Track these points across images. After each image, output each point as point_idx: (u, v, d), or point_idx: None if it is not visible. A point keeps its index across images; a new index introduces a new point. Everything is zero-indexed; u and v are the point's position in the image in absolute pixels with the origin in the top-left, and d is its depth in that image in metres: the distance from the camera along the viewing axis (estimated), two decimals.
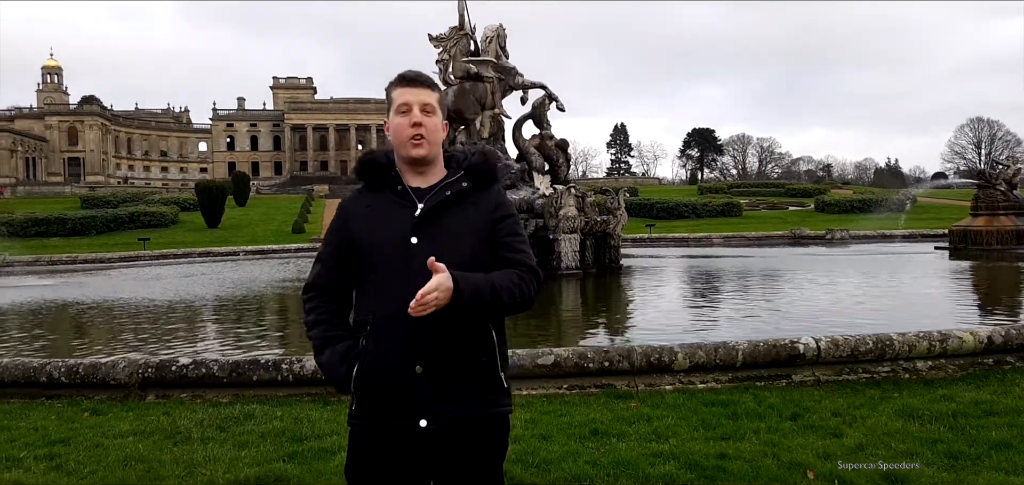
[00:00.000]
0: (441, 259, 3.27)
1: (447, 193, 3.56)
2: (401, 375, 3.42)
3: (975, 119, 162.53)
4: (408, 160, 3.61)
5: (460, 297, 3.23)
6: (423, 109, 3.58)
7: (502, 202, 3.70)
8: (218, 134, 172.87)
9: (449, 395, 3.43)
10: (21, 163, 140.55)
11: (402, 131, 3.58)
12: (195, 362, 9.45)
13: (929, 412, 7.61)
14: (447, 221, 3.53)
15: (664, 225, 62.56)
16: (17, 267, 37.52)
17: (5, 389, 9.58)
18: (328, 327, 3.65)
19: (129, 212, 70.13)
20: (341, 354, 3.56)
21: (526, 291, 3.51)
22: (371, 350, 3.48)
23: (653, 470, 6.25)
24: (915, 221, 54.35)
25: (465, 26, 26.03)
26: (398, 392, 3.43)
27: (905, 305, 16.81)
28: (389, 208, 3.58)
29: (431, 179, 3.63)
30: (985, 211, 32.23)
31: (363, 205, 3.66)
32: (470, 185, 3.62)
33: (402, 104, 3.58)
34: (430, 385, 3.42)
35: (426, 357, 3.41)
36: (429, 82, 3.68)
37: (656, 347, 9.24)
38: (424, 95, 3.61)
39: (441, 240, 3.46)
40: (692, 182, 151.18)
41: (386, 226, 3.54)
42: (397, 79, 3.67)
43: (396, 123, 3.60)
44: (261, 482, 6.30)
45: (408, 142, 3.56)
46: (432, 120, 3.60)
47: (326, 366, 3.61)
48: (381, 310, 3.46)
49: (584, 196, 24.61)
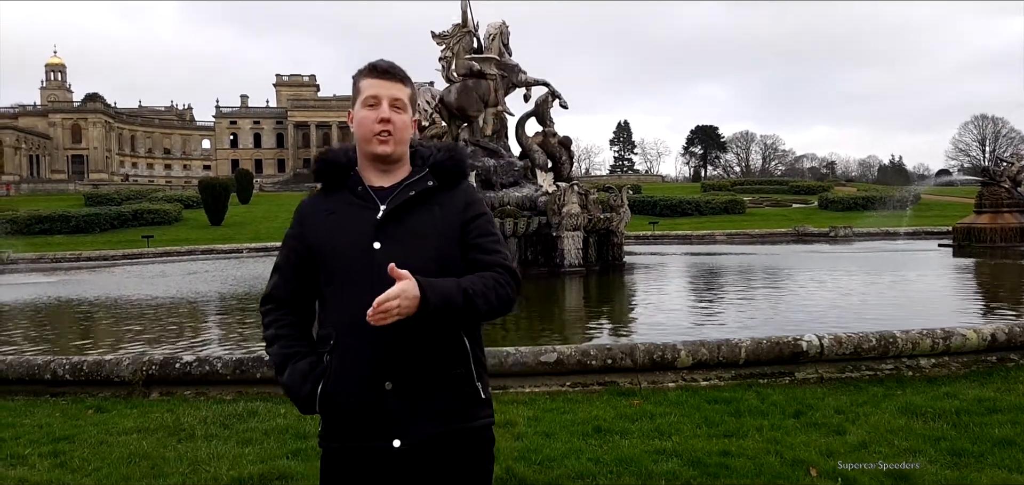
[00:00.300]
0: (405, 264, 3.03)
1: (411, 193, 3.29)
2: (369, 392, 3.16)
3: (979, 116, 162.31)
4: (372, 157, 3.34)
5: (427, 306, 2.98)
6: (393, 104, 3.31)
7: (472, 200, 3.43)
8: (221, 131, 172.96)
9: (422, 411, 3.16)
10: (25, 160, 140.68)
11: (368, 125, 3.30)
12: (199, 359, 9.48)
13: (932, 410, 7.61)
14: (412, 223, 3.26)
15: (667, 222, 62.55)
16: (21, 264, 37.61)
17: (10, 386, 9.62)
18: (287, 343, 3.37)
19: (133, 210, 70.19)
20: (303, 372, 3.28)
21: (503, 294, 3.25)
22: (335, 366, 3.22)
23: (656, 467, 6.26)
24: (919, 219, 54.27)
25: (468, 23, 26.03)
26: (367, 411, 3.16)
27: (908, 303, 16.78)
28: (349, 211, 3.30)
29: (395, 178, 3.37)
30: (989, 208, 32.19)
31: (322, 209, 3.38)
32: (436, 183, 3.35)
33: (371, 97, 3.31)
34: (401, 402, 3.15)
35: (394, 372, 3.15)
36: (402, 75, 3.39)
37: (659, 344, 9.25)
38: (395, 89, 3.34)
39: (405, 244, 3.20)
40: (695, 179, 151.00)
41: (346, 231, 3.26)
42: (367, 68, 3.38)
43: (362, 116, 3.32)
44: (265, 479, 6.31)
45: (374, 138, 3.29)
46: (402, 117, 3.33)
47: (288, 386, 3.31)
48: (344, 322, 3.20)
49: (587, 193, 24.60)
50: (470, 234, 3.33)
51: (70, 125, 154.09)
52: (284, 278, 3.44)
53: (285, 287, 3.43)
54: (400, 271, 2.96)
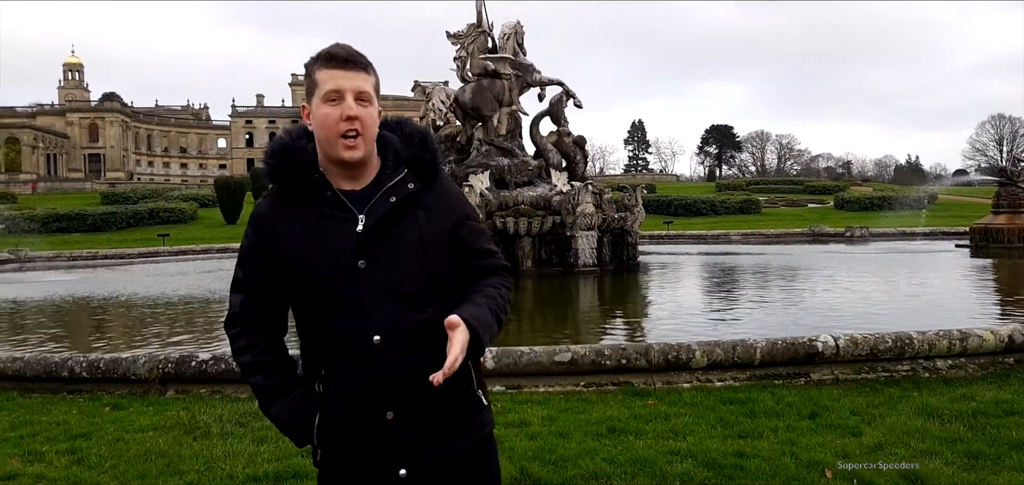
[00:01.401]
0: (397, 282, 2.87)
1: (392, 200, 2.94)
2: (370, 424, 2.89)
3: (996, 116, 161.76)
4: (338, 163, 2.95)
5: (479, 345, 2.80)
6: (359, 98, 2.91)
7: (455, 198, 3.15)
8: (237, 131, 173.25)
9: (429, 435, 2.93)
10: (42, 159, 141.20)
11: (331, 126, 2.89)
12: (214, 358, 9.50)
13: (949, 411, 7.58)
14: (396, 235, 2.93)
15: (682, 222, 62.41)
16: (38, 262, 37.72)
17: (27, 384, 9.69)
18: (272, 372, 3.04)
19: (149, 208, 70.48)
20: (296, 408, 2.99)
21: (508, 297, 3.10)
22: (331, 397, 2.93)
23: (670, 468, 6.25)
24: (936, 219, 54.03)
25: (483, 23, 26.04)
26: (369, 443, 2.91)
27: (925, 303, 16.72)
28: (322, 224, 2.93)
29: (365, 177, 3.01)
30: (1006, 209, 32.00)
31: (289, 218, 2.97)
32: (417, 185, 3.01)
33: (331, 91, 2.89)
34: (405, 431, 2.89)
35: (396, 400, 2.87)
36: (364, 62, 2.98)
37: (674, 345, 9.25)
38: (359, 80, 2.93)
39: (392, 260, 2.90)
40: (710, 179, 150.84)
41: (323, 248, 2.91)
42: (323, 57, 2.95)
43: (322, 114, 2.90)
44: (280, 477, 6.33)
45: (339, 141, 2.89)
46: (369, 112, 2.93)
47: (280, 421, 3.03)
48: (335, 351, 2.91)
49: (602, 193, 24.55)
50: (465, 241, 3.09)
51: (87, 124, 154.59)
52: (251, 297, 3.06)
53: (254, 307, 3.07)
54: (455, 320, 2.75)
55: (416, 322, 2.90)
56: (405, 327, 2.88)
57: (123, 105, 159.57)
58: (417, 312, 2.91)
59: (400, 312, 2.86)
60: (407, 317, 2.89)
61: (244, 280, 3.07)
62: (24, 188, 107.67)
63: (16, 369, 9.77)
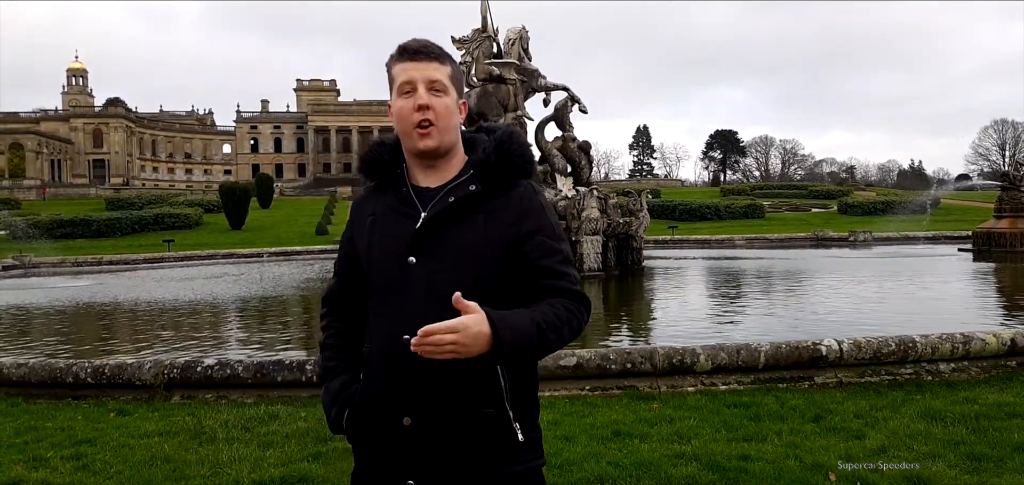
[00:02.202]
0: (439, 284, 2.73)
1: (450, 200, 2.82)
2: (386, 426, 2.81)
3: (999, 121, 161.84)
4: (415, 153, 2.90)
5: (500, 348, 2.58)
6: (430, 87, 2.83)
7: (528, 209, 2.90)
8: (242, 136, 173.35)
9: (442, 454, 2.76)
10: (46, 165, 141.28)
11: (406, 117, 2.84)
12: (220, 363, 9.52)
13: (951, 414, 7.59)
14: (451, 236, 2.81)
15: (686, 227, 62.43)
16: (43, 268, 37.75)
17: (32, 390, 9.70)
18: (333, 353, 3.07)
19: (154, 214, 70.45)
20: (334, 392, 2.98)
21: (576, 326, 2.86)
22: (361, 392, 2.90)
23: (675, 471, 6.27)
24: (939, 223, 54.06)
25: (488, 28, 26.09)
26: (383, 446, 2.84)
27: (928, 307, 16.74)
28: (389, 217, 2.90)
29: (445, 174, 2.91)
30: (1009, 213, 32.04)
31: (366, 211, 3.00)
32: (479, 188, 2.85)
33: (404, 83, 2.84)
34: (419, 442, 2.76)
35: (414, 406, 2.76)
36: (437, 52, 2.90)
37: (678, 349, 9.26)
38: (431, 70, 2.85)
39: (443, 260, 2.79)
40: (715, 184, 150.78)
41: (383, 240, 2.88)
42: (397, 52, 2.91)
43: (398, 107, 2.86)
44: (285, 482, 6.35)
45: (413, 131, 2.83)
46: (443, 101, 2.85)
47: (323, 402, 3.04)
48: (375, 344, 2.89)
49: (606, 198, 24.60)
50: (531, 255, 2.86)
51: (91, 130, 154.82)
52: (338, 282, 3.14)
53: (339, 291, 3.14)
54: (467, 303, 2.55)
55: None
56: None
57: (127, 110, 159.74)
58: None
59: (438, 315, 2.59)
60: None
61: (336, 265, 3.18)
62: (28, 194, 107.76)
63: (21, 375, 9.77)
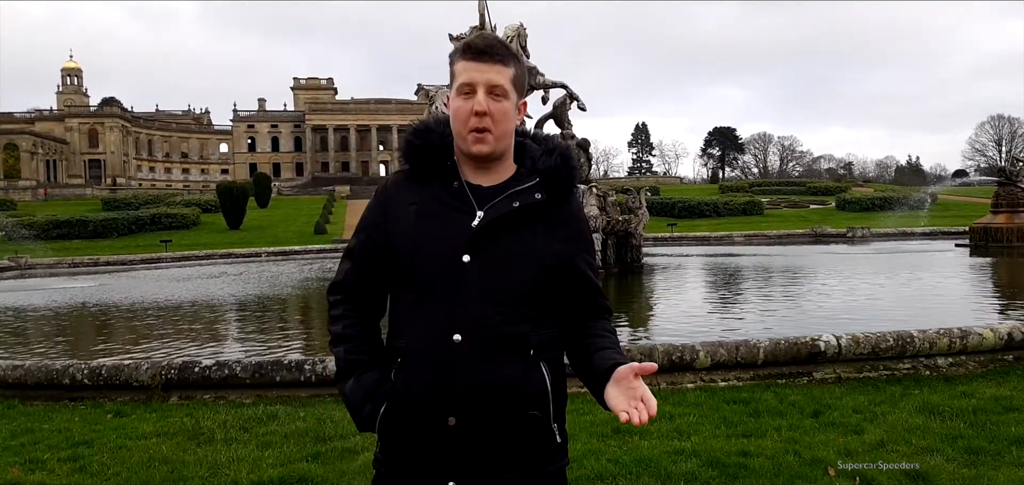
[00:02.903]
0: (495, 287, 2.74)
1: (515, 205, 2.81)
2: (430, 425, 2.76)
3: (996, 117, 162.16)
4: (468, 156, 2.86)
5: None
6: (491, 92, 2.78)
7: (582, 227, 3.02)
8: (239, 135, 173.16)
9: (487, 455, 2.75)
10: (42, 166, 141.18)
11: (463, 120, 2.79)
12: (218, 363, 9.50)
13: (949, 409, 7.61)
14: (509, 242, 2.79)
15: (685, 224, 62.46)
16: (39, 269, 37.72)
17: (28, 391, 9.67)
18: (356, 346, 2.95)
19: (151, 214, 70.38)
20: (368, 389, 2.87)
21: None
22: (400, 389, 2.82)
23: (675, 468, 6.26)
24: (936, 219, 54.04)
25: (486, 26, 26.02)
26: (425, 446, 2.78)
27: (925, 302, 16.74)
28: (440, 210, 2.83)
29: (497, 176, 2.89)
30: (1006, 208, 32.04)
31: (408, 199, 2.89)
32: (544, 197, 2.86)
33: (465, 84, 2.79)
34: (464, 442, 2.74)
35: (461, 406, 2.73)
36: (503, 53, 2.84)
37: (678, 345, 9.26)
38: (493, 73, 2.79)
39: (501, 264, 2.77)
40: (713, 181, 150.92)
41: (433, 233, 2.80)
42: (462, 48, 2.85)
43: (456, 107, 2.82)
44: (284, 482, 6.33)
45: (469, 135, 2.79)
46: (502, 106, 2.80)
47: (349, 399, 2.92)
48: (416, 340, 2.80)
49: (606, 195, 24.60)
50: (582, 271, 2.95)
51: (87, 130, 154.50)
52: (357, 269, 3.00)
53: (357, 279, 3.00)
54: (645, 367, 2.64)
55: (503, 333, 2.76)
56: (489, 334, 2.74)
57: (123, 110, 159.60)
58: (507, 323, 2.76)
59: (488, 318, 2.72)
60: (494, 325, 2.74)
61: (355, 250, 3.02)
62: (24, 195, 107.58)
63: (17, 377, 9.73)
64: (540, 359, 2.83)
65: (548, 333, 2.88)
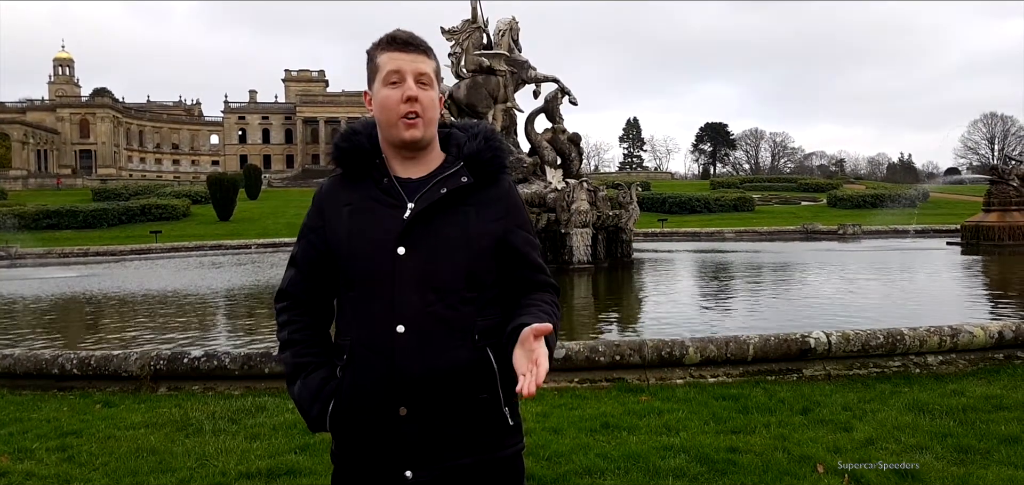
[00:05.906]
0: (433, 275, 2.78)
1: (442, 191, 2.86)
2: (381, 417, 2.79)
3: (988, 115, 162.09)
4: (399, 144, 2.91)
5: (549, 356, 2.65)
6: (419, 80, 2.87)
7: (514, 203, 3.02)
8: (230, 127, 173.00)
9: (440, 441, 2.78)
10: (32, 156, 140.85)
11: (392, 107, 2.85)
12: (207, 355, 9.47)
13: (939, 406, 7.61)
14: (442, 227, 2.84)
15: (676, 220, 62.66)
16: (29, 259, 37.65)
17: (17, 381, 9.64)
18: (302, 349, 2.99)
19: (141, 205, 70.32)
20: (314, 389, 2.91)
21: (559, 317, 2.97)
22: (348, 384, 2.85)
23: (664, 463, 6.26)
24: (928, 216, 54.24)
25: (478, 19, 26.04)
26: (378, 438, 2.81)
27: (916, 300, 16.80)
28: (372, 207, 2.89)
29: (425, 167, 2.96)
30: (997, 206, 32.12)
31: (342, 200, 2.95)
32: (471, 180, 2.92)
33: (392, 72, 2.86)
34: (416, 430, 2.77)
35: (411, 396, 2.76)
36: (426, 46, 2.94)
37: (667, 341, 9.25)
38: (420, 62, 2.89)
39: (435, 251, 2.81)
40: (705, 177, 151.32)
41: (367, 231, 2.86)
42: (385, 41, 2.92)
43: (383, 96, 2.87)
44: (273, 474, 6.32)
45: (400, 122, 2.85)
46: (429, 94, 2.90)
47: (297, 401, 2.96)
48: (360, 336, 2.84)
49: (596, 190, 24.61)
50: (517, 248, 2.97)
51: (78, 120, 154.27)
52: (301, 274, 3.05)
53: (301, 284, 3.04)
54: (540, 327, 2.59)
55: (445, 319, 2.79)
56: (432, 322, 2.78)
57: (114, 100, 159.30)
58: (449, 309, 2.81)
59: (430, 306, 2.77)
60: (436, 312, 2.78)
61: (298, 256, 3.07)
62: (14, 184, 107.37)
63: (6, 366, 9.70)
64: (486, 343, 2.86)
65: (494, 317, 2.91)
